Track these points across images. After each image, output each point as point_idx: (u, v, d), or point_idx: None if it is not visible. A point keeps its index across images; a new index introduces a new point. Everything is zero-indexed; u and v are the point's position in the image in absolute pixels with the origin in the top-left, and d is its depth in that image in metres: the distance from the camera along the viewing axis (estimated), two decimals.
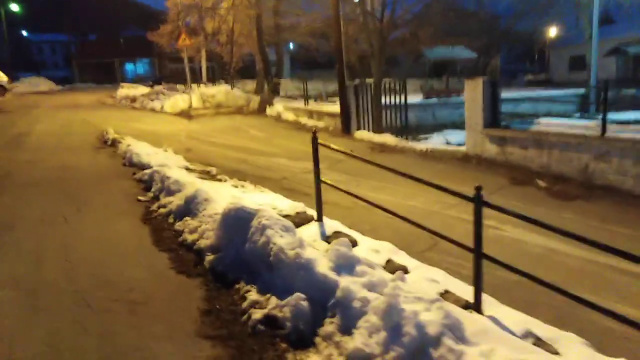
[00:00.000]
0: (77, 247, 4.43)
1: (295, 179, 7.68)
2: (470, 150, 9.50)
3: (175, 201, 5.25)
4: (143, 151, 8.61)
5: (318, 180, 5.01)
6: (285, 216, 5.23)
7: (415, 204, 6.03)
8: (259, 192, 6.50)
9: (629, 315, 2.53)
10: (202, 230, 4.32)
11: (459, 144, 13.08)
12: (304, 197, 6.12)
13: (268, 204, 5.57)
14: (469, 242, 3.08)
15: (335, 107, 13.38)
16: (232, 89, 17.81)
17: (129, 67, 56.44)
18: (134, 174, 7.53)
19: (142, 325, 3.04)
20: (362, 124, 12.14)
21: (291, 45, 36.14)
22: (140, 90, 27.71)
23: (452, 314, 2.64)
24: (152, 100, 20.20)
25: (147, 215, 5.36)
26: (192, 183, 5.44)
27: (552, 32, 39.90)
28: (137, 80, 48.14)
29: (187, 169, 8.15)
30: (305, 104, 14.96)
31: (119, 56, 54.13)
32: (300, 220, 5.17)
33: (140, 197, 5.99)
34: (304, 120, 14.01)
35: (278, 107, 15.56)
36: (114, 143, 10.39)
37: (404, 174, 3.80)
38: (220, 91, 17.43)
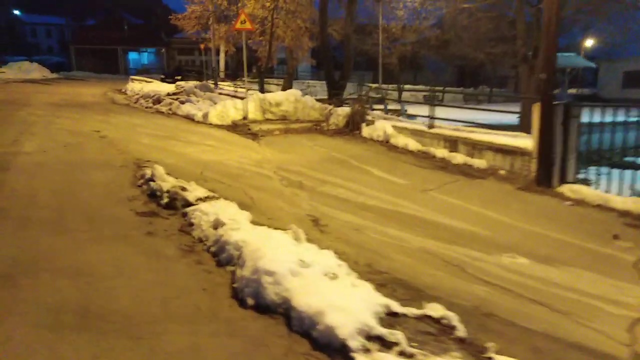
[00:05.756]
0: None
1: None
2: None
3: None
4: (276, 263, 3.60)
5: None
6: None
7: None
8: None
9: None
10: None
11: None
12: None
13: None
14: None
15: (504, 138, 8.50)
16: (302, 96, 12.75)
17: (132, 56, 50.93)
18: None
19: None
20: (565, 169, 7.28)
21: None
22: (156, 86, 22.53)
23: None
24: (182, 102, 15.12)
25: None
26: None
27: (599, 44, 35.63)
28: (143, 71, 42.92)
29: (392, 313, 3.23)
30: (430, 127, 10.01)
31: (122, 44, 48.68)
32: None
33: None
34: (441, 152, 9.08)
35: (383, 126, 10.59)
36: (174, 202, 5.36)
37: None
38: (287, 98, 12.36)
